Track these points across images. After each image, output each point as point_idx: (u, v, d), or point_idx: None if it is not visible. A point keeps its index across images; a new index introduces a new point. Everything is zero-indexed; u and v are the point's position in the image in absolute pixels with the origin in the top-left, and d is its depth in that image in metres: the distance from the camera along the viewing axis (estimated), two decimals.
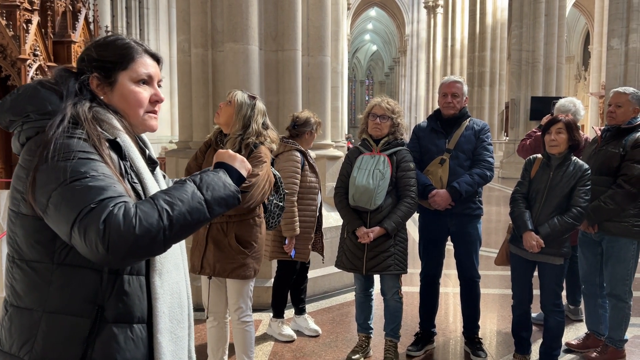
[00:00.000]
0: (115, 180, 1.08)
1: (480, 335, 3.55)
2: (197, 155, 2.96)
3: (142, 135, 1.35)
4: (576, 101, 4.03)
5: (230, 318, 2.92)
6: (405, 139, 3.31)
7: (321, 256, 3.86)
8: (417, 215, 3.56)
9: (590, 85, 26.14)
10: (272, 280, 4.05)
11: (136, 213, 1.02)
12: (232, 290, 2.80)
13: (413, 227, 5.81)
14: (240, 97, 2.71)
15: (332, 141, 5.47)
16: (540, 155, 3.16)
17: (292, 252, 3.54)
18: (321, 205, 3.79)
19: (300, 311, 3.88)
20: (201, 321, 3.87)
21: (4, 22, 7.36)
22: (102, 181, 1.05)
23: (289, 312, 3.92)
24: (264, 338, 3.72)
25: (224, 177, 1.21)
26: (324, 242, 3.90)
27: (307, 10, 4.81)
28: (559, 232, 2.95)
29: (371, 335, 3.46)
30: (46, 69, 7.68)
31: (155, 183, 1.26)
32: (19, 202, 1.14)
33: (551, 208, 3.01)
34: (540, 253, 3.01)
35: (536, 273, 3.17)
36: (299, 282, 3.84)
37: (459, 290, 3.58)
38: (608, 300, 3.41)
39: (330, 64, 5.06)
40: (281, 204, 2.97)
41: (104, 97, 1.23)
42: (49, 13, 8.22)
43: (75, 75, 1.23)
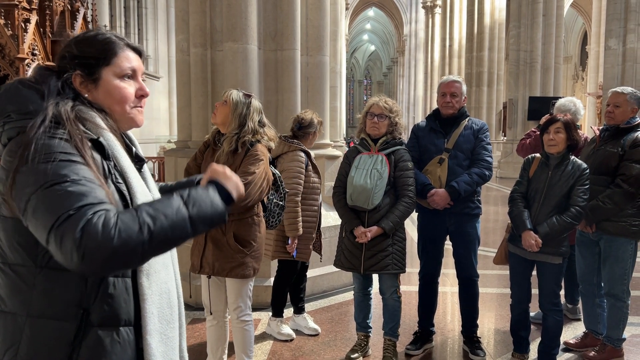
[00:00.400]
0: (96, 185, 1.05)
1: (478, 334, 3.56)
2: (196, 156, 2.95)
3: (129, 133, 1.32)
4: (576, 101, 4.05)
5: (229, 317, 2.93)
6: (403, 138, 3.31)
7: (319, 255, 3.86)
8: (415, 215, 3.57)
9: (588, 86, 26.21)
10: (271, 279, 4.06)
11: (116, 223, 0.98)
12: (231, 290, 2.80)
13: (412, 227, 5.83)
14: (235, 96, 2.72)
15: (330, 141, 5.48)
16: (538, 155, 3.17)
17: (294, 252, 3.55)
18: (320, 205, 3.80)
19: (299, 310, 3.88)
20: (201, 320, 3.88)
21: (2, 21, 7.36)
22: (83, 186, 1.01)
23: (288, 311, 3.92)
24: (263, 337, 3.72)
25: (212, 194, 1.15)
26: (323, 242, 3.90)
27: (306, 10, 4.81)
28: (558, 232, 2.96)
29: (370, 334, 3.46)
30: None
31: (142, 182, 1.22)
32: (0, 204, 1.11)
33: (550, 207, 3.02)
34: (539, 252, 3.01)
35: (535, 272, 3.18)
36: (298, 281, 3.85)
37: (457, 290, 3.59)
38: (606, 300, 3.42)
39: (329, 63, 5.07)
40: (281, 203, 2.97)
41: (88, 94, 1.20)
42: (47, 12, 8.22)
43: (57, 74, 1.19)
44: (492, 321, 4.20)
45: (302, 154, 3.55)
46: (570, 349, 3.56)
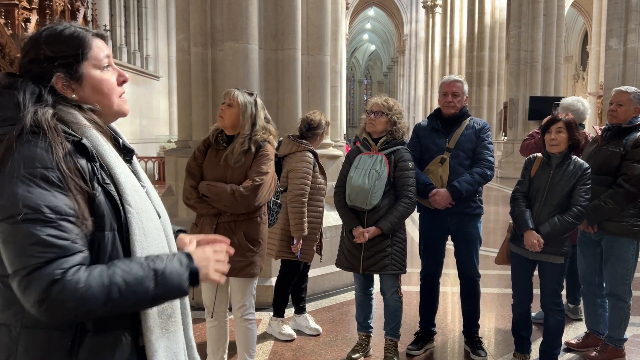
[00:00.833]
0: (69, 222, 1.03)
1: (480, 334, 3.55)
2: (196, 155, 2.88)
3: (112, 125, 1.27)
4: (583, 100, 4.04)
5: (230, 317, 2.92)
6: (405, 139, 3.30)
7: (319, 255, 3.86)
8: (417, 215, 3.56)
9: (589, 85, 26.18)
10: (272, 279, 4.05)
11: (84, 286, 1.00)
12: (237, 289, 2.80)
13: (413, 226, 5.82)
14: (241, 98, 2.69)
15: (331, 140, 5.47)
16: (540, 155, 3.16)
17: (298, 253, 3.55)
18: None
19: (300, 310, 3.88)
20: (201, 320, 3.87)
21: (2, 20, 7.35)
22: (56, 230, 1.00)
23: (289, 311, 3.92)
24: (264, 337, 3.72)
25: (184, 275, 1.14)
26: (323, 241, 3.90)
27: (306, 10, 4.80)
28: (560, 231, 2.96)
29: (371, 334, 3.46)
30: None
31: (132, 175, 1.20)
32: None
33: (551, 207, 3.01)
34: (540, 252, 3.01)
35: (536, 272, 3.17)
36: (300, 281, 3.84)
37: (458, 290, 3.58)
38: (608, 300, 3.42)
39: (329, 63, 5.06)
40: (278, 201, 3.03)
41: (74, 95, 1.15)
42: (47, 12, 8.22)
43: (33, 79, 1.13)
44: (494, 321, 4.19)
45: (311, 155, 3.53)
46: (572, 349, 3.56)
